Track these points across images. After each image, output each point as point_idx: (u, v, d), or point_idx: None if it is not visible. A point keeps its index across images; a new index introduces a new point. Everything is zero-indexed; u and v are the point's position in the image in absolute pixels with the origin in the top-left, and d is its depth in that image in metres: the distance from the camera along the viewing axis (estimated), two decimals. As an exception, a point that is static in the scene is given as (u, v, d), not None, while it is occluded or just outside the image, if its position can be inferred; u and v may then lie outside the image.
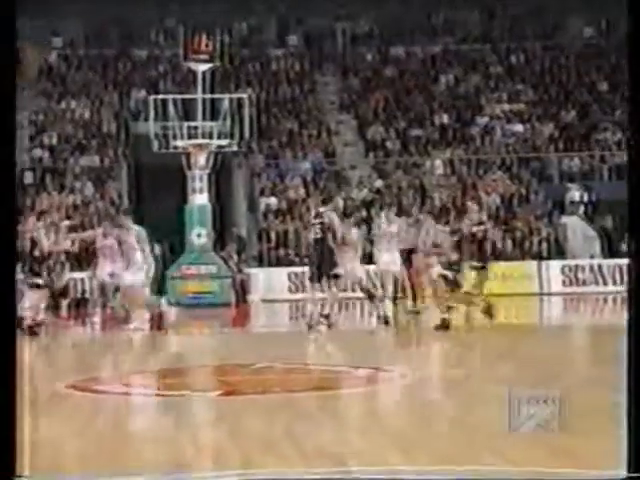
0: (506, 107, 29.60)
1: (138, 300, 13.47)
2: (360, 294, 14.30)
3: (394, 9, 31.20)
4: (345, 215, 14.30)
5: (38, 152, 27.69)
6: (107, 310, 17.55)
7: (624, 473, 4.06)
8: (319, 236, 13.43)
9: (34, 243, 14.21)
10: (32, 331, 13.11)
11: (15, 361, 4.18)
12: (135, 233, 13.49)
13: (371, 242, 16.80)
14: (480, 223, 15.00)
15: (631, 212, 4.12)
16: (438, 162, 27.23)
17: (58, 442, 5.92)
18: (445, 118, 29.08)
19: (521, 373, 8.40)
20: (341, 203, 15.26)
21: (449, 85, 30.58)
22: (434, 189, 26.34)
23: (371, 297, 14.18)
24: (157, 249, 21.84)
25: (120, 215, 14.83)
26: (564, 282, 22.56)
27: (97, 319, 15.66)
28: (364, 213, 25.54)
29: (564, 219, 25.02)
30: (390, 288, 15.95)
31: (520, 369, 8.75)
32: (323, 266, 13.17)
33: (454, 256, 13.57)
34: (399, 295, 15.92)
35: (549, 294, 21.85)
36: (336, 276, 13.31)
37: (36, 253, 14.52)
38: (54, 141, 28.07)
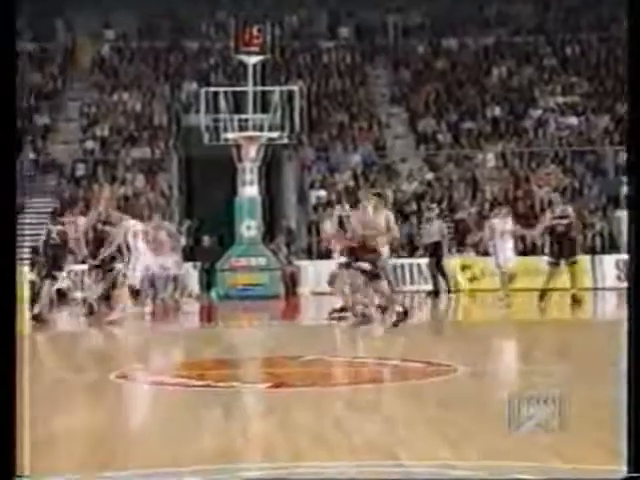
0: (560, 100, 29.28)
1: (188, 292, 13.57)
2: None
3: (446, 1, 31.01)
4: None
5: (90, 144, 27.99)
6: (157, 302, 17.71)
7: (624, 473, 4.03)
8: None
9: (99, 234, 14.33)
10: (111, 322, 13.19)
11: (15, 360, 3.95)
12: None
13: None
14: (564, 217, 14.93)
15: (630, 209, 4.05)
16: (490, 155, 27.04)
17: (107, 432, 5.98)
18: (497, 111, 28.85)
19: (578, 369, 8.31)
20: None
21: (502, 77, 30.31)
22: (486, 182, 26.15)
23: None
24: (207, 241, 22.04)
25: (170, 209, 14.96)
26: (618, 277, 22.26)
27: (148, 310, 15.80)
28: (414, 206, 25.49)
29: (618, 213, 24.69)
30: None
31: (577, 365, 8.66)
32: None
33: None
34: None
35: (603, 289, 21.59)
36: None
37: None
38: (106, 133, 28.36)
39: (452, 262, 22.76)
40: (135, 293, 20.59)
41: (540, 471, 4.60)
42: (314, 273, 21.83)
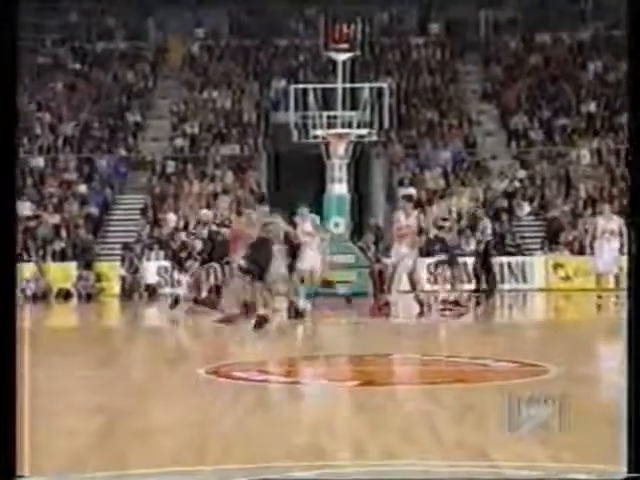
0: (658, 94, 28.57)
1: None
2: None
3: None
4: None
5: (180, 141, 28.37)
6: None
7: (624, 473, 4.04)
8: None
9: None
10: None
11: (15, 362, 3.90)
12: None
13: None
14: None
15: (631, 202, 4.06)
16: (585, 152, 26.54)
17: (198, 427, 6.04)
18: (593, 106, 28.27)
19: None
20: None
21: (597, 72, 29.71)
22: (580, 180, 25.68)
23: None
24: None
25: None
26: None
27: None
28: (505, 204, 25.18)
29: None
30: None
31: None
32: None
33: None
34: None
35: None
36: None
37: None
38: (195, 130, 28.72)
39: (544, 260, 22.44)
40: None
41: (540, 471, 4.57)
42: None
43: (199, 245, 15.87)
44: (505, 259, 22.56)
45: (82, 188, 26.28)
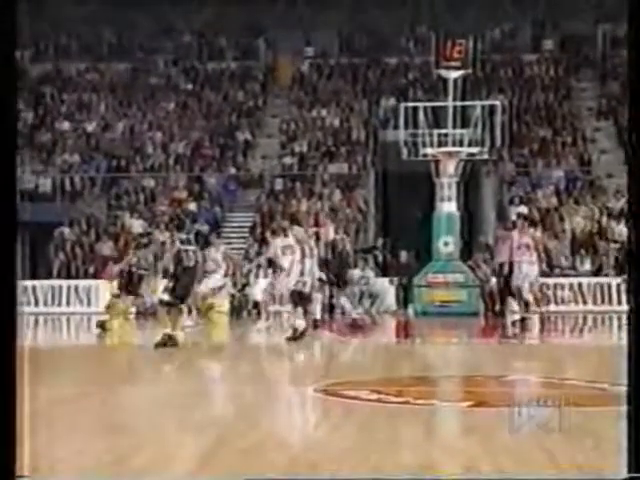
0: None
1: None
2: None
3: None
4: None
5: (288, 160, 28.66)
6: (354, 315, 17.87)
7: (624, 473, 4.10)
8: None
9: None
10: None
11: (15, 363, 4.07)
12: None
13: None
14: None
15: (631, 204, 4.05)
16: None
17: (306, 442, 6.07)
18: None
19: None
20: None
21: None
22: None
23: None
24: (404, 257, 22.09)
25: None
26: None
27: (344, 324, 15.94)
28: (622, 224, 24.59)
29: None
30: None
31: None
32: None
33: None
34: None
35: None
36: None
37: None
38: (304, 149, 28.97)
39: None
40: (331, 307, 20.91)
41: (540, 471, 4.60)
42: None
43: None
44: (620, 280, 22.02)
45: (192, 206, 26.79)
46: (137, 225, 25.77)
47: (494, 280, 18.72)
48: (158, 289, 13.11)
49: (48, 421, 6.62)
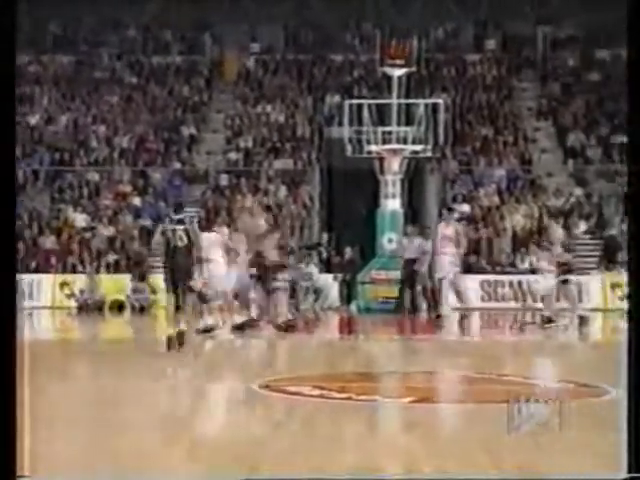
0: None
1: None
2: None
3: (600, 11, 30.28)
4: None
5: (233, 155, 28.56)
6: (297, 313, 17.84)
7: (624, 473, 4.18)
8: None
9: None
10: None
11: (15, 364, 4.21)
12: None
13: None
14: None
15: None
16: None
17: (251, 440, 6.05)
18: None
19: None
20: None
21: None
22: None
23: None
24: (348, 253, 22.13)
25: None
26: None
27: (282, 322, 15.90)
28: (561, 221, 24.94)
29: None
30: None
31: None
32: None
33: None
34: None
35: None
36: None
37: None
38: (249, 144, 28.88)
39: (600, 280, 22.18)
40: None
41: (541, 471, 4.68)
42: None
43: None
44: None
45: (136, 201, 26.56)
46: (80, 219, 25.50)
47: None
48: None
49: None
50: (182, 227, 11.76)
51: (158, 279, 22.79)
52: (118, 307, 22.03)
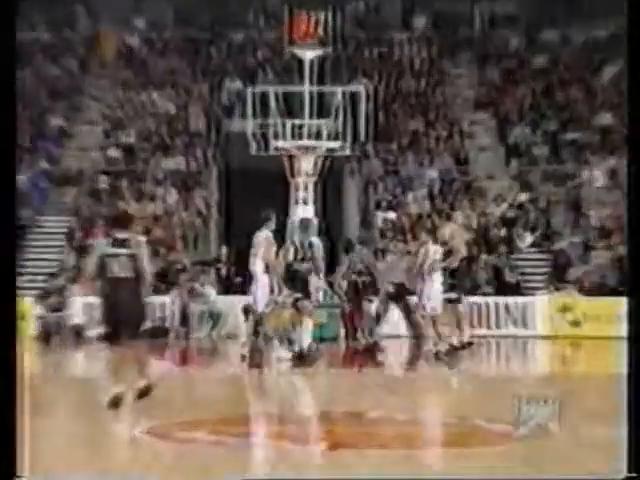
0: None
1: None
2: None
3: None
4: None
5: (113, 152, 28.37)
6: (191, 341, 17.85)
7: (624, 473, 4.91)
8: None
9: None
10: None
11: (15, 365, 4.84)
12: None
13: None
14: None
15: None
16: (598, 172, 26.82)
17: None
18: (608, 118, 28.52)
19: None
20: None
21: (615, 77, 30.03)
22: (592, 206, 25.94)
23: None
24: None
25: None
26: None
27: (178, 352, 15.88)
28: (503, 232, 25.39)
29: None
30: None
31: None
32: None
33: None
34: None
35: None
36: None
37: None
38: (132, 140, 28.73)
39: (550, 301, 22.59)
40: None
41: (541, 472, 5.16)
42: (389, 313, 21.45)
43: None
44: (502, 299, 22.73)
45: (-6, 207, 26.17)
46: None
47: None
48: None
49: None
50: (126, 251, 10.21)
51: (20, 303, 22.60)
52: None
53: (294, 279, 15.07)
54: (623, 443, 4.77)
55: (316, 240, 16.49)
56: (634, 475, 4.89)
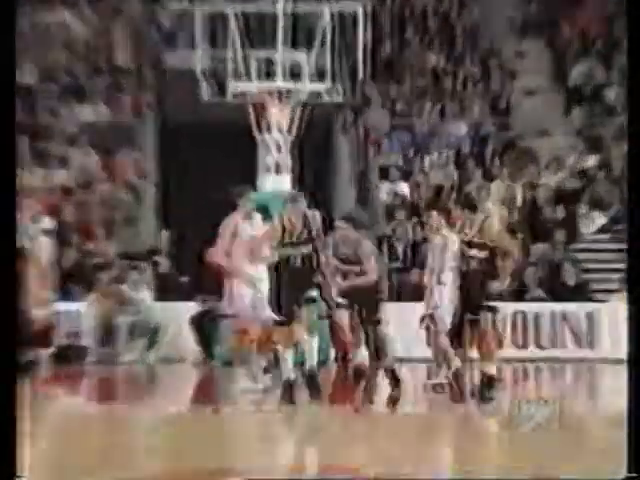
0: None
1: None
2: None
3: None
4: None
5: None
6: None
7: (624, 473, 6.41)
8: None
9: None
10: None
11: (16, 365, 6.38)
12: None
13: None
14: None
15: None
16: None
17: None
18: None
19: None
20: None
21: None
22: None
23: None
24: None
25: None
26: None
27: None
28: (560, 211, 25.42)
29: None
30: None
31: None
32: None
33: None
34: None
35: None
36: None
37: None
38: (32, 80, 28.65)
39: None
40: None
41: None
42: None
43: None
44: (558, 307, 22.84)
45: None
46: None
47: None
48: None
49: None
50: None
51: None
52: None
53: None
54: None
55: (310, 212, 16.44)
56: (634, 475, 6.34)
